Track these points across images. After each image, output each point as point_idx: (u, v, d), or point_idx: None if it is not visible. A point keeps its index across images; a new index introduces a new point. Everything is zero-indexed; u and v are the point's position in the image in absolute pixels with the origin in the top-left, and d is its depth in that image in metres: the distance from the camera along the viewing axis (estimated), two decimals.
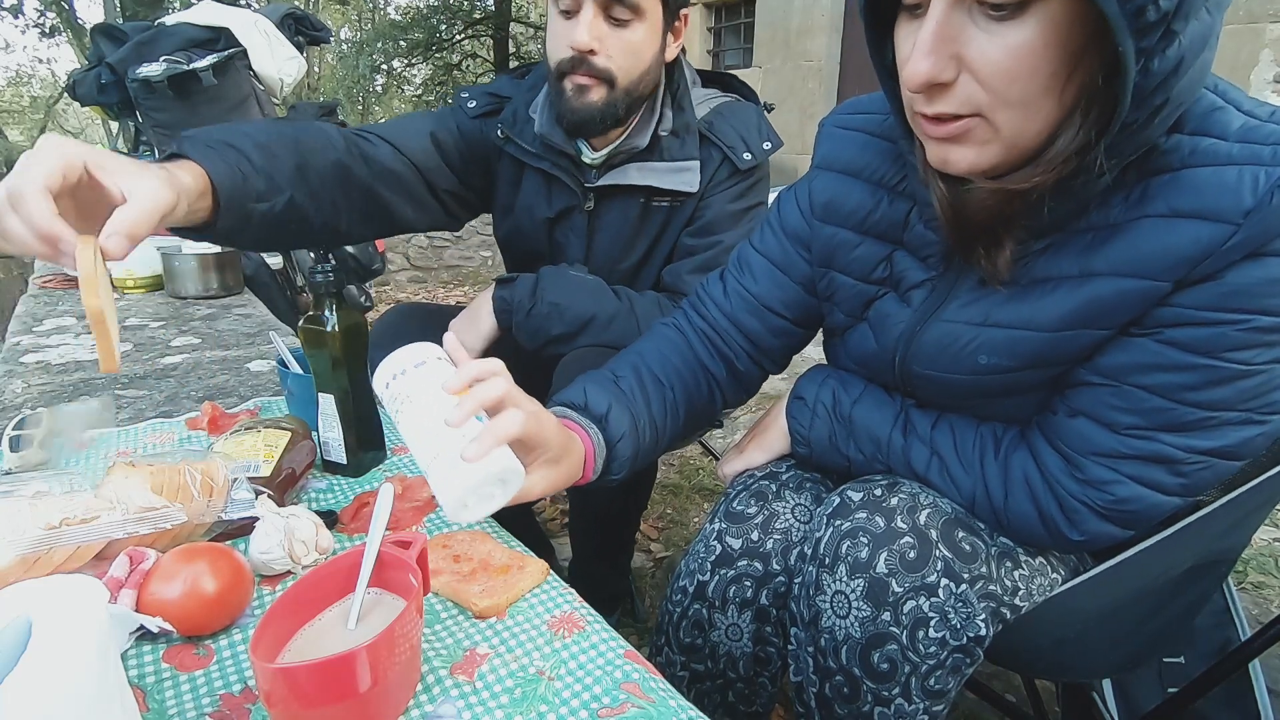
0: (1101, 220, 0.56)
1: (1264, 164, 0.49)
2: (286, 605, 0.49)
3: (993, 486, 0.67)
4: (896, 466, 0.72)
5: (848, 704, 0.65)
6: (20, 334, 1.32)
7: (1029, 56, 0.47)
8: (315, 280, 0.76)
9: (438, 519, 0.74)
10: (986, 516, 0.68)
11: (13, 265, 3.47)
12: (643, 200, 1.09)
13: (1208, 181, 0.51)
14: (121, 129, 2.55)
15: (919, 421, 0.72)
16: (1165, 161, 0.53)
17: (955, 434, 0.70)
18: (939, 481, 0.70)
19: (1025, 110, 0.50)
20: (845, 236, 0.73)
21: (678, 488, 2.02)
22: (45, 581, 0.41)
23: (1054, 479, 0.64)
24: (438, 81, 10.18)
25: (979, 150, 0.53)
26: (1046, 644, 0.79)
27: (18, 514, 0.56)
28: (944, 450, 0.70)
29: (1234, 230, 0.50)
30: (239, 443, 0.74)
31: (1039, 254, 0.60)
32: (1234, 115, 0.53)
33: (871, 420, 0.74)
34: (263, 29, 2.30)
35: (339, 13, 13.62)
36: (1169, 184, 0.53)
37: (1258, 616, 1.43)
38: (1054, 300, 0.59)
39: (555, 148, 1.08)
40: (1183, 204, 0.52)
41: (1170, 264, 0.53)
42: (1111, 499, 0.61)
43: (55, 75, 15.32)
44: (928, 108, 0.53)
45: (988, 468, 0.68)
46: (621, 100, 1.00)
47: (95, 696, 0.38)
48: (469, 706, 0.49)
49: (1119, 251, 0.55)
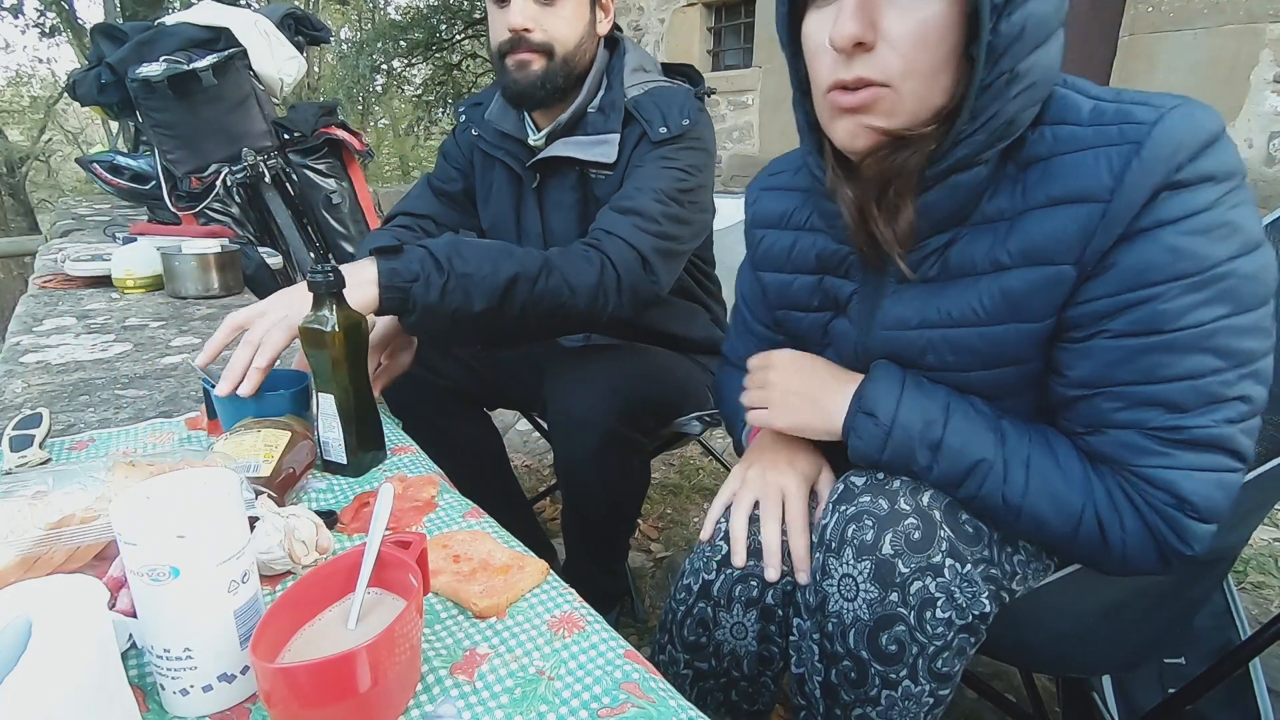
0: (996, 212, 0.62)
1: (1114, 143, 0.56)
2: (286, 605, 0.49)
3: (1102, 507, 0.61)
4: (989, 493, 0.64)
5: (855, 689, 0.66)
6: (20, 334, 1.32)
7: (935, 28, 0.55)
8: (315, 280, 0.76)
9: (438, 519, 0.74)
10: (1093, 544, 0.62)
11: (13, 265, 3.48)
12: (578, 171, 1.16)
13: (1073, 167, 0.57)
14: (121, 129, 2.56)
15: (1011, 435, 0.65)
16: (1036, 151, 0.60)
17: (1053, 446, 0.64)
18: (1041, 505, 0.62)
19: (928, 81, 0.57)
20: (781, 278, 0.82)
21: (678, 488, 2.02)
22: (45, 581, 0.41)
23: (1136, 491, 0.60)
24: (438, 81, 10.18)
25: (887, 117, 0.59)
26: (1048, 638, 0.79)
27: (18, 514, 0.56)
28: (1043, 466, 0.63)
29: (1105, 207, 0.55)
30: (239, 443, 0.74)
31: (949, 246, 0.65)
32: (1083, 101, 0.59)
33: (967, 441, 0.64)
34: (263, 29, 2.30)
35: (339, 13, 13.62)
36: (1044, 174, 0.59)
37: (1258, 616, 1.43)
38: (974, 294, 0.64)
39: (506, 134, 1.20)
40: (1056, 191, 0.58)
41: (1063, 248, 0.58)
42: (1179, 498, 0.58)
43: (55, 75, 15.34)
44: (846, 72, 0.59)
45: (1095, 489, 0.62)
46: (560, 69, 1.09)
47: (95, 696, 0.38)
48: (469, 706, 0.49)
49: (1018, 243, 0.60)
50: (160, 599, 0.46)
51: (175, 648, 0.46)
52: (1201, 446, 0.57)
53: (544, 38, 1.07)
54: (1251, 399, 0.57)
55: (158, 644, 0.47)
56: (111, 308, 1.51)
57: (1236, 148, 0.56)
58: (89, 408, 0.99)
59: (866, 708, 0.66)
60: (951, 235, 0.64)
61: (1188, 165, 0.53)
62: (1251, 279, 0.55)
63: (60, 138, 15.91)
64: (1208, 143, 0.54)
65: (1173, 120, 0.54)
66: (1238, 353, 0.56)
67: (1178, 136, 0.54)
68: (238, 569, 0.48)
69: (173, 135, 2.20)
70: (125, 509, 0.45)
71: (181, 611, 0.46)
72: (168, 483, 0.49)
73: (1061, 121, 0.59)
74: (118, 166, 2.33)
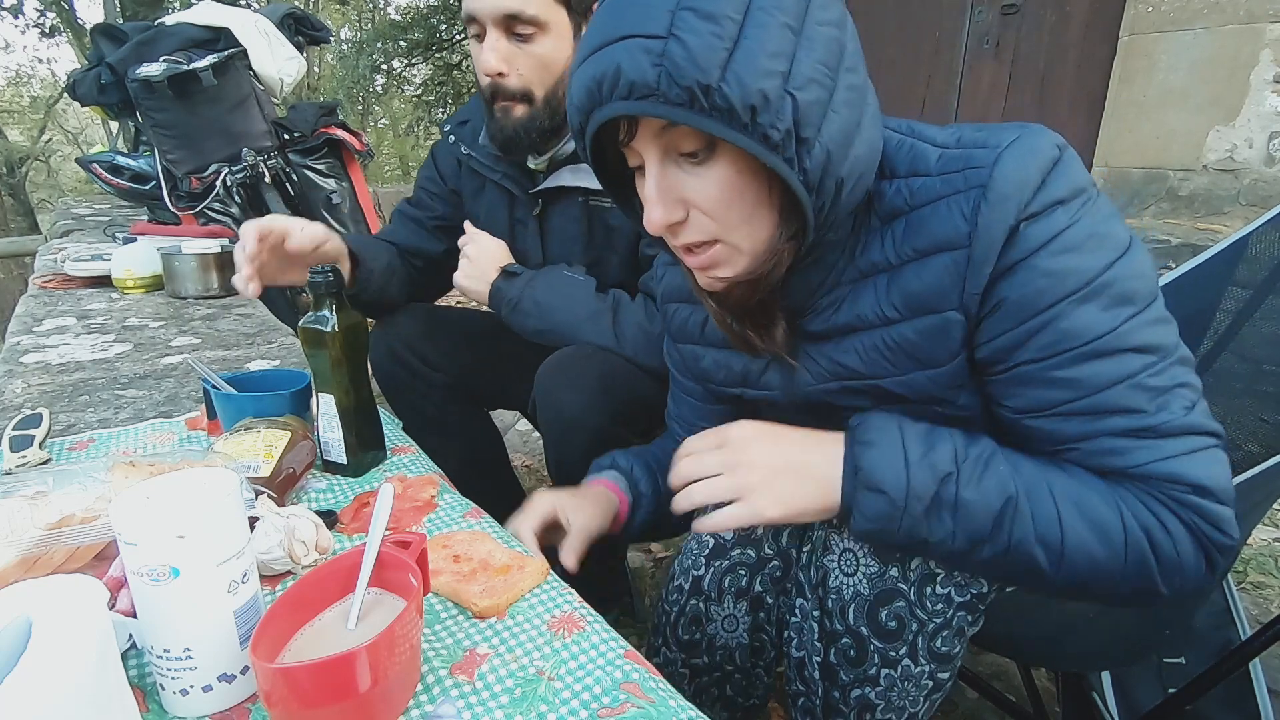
0: (870, 265, 0.63)
1: (960, 190, 0.57)
2: (286, 605, 0.49)
3: (1141, 515, 0.56)
4: (1021, 540, 0.57)
5: (854, 668, 0.66)
6: (20, 334, 1.32)
7: (731, 185, 0.56)
8: (315, 280, 0.76)
9: (438, 519, 0.74)
10: (1144, 565, 0.56)
11: (13, 265, 3.48)
12: (582, 200, 1.12)
13: (930, 218, 0.59)
14: (121, 129, 2.56)
15: (1020, 461, 0.59)
16: (895, 205, 0.61)
17: (1058, 462, 0.59)
18: (1083, 534, 0.56)
19: (750, 225, 0.58)
20: (696, 351, 0.81)
21: None
22: (45, 581, 0.41)
23: (1158, 490, 0.56)
24: (438, 81, 10.16)
25: (731, 266, 0.61)
26: (1048, 631, 0.80)
27: (18, 514, 0.56)
28: (1066, 486, 0.57)
29: (968, 251, 0.57)
30: (239, 443, 0.74)
31: (836, 306, 0.65)
32: (930, 150, 0.60)
33: (984, 488, 0.57)
34: (263, 29, 2.30)
35: (339, 13, 13.61)
36: (907, 227, 0.60)
37: (1258, 616, 1.43)
38: (873, 347, 0.64)
39: (502, 158, 1.14)
40: (922, 244, 0.59)
41: (940, 295, 0.59)
42: (1195, 485, 0.55)
43: (55, 75, 15.31)
44: (676, 241, 0.61)
45: (1123, 497, 0.57)
46: (543, 112, 1.03)
47: (95, 696, 0.38)
48: (469, 706, 0.49)
49: (899, 295, 0.61)
50: (160, 599, 0.46)
51: (175, 648, 0.46)
52: (1177, 434, 0.56)
53: (520, 83, 1.01)
54: (1190, 383, 0.57)
55: (158, 644, 0.47)
56: (111, 308, 1.51)
57: (1078, 161, 0.57)
58: (89, 408, 0.99)
59: (865, 688, 0.66)
60: (835, 295, 0.65)
61: (1035, 197, 0.55)
62: (1136, 276, 0.56)
63: (60, 138, 15.90)
64: (1048, 169, 0.55)
65: (1008, 159, 0.55)
66: (1158, 345, 0.56)
67: (1017, 174, 0.55)
68: (238, 569, 0.48)
69: (173, 135, 2.20)
70: (125, 509, 0.45)
71: (181, 611, 0.46)
72: (168, 483, 0.49)
73: (913, 173, 0.60)
74: (118, 166, 2.33)
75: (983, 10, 3.81)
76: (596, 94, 0.53)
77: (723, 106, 0.50)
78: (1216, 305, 1.00)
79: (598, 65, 0.52)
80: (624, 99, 0.52)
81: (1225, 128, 3.11)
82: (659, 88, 0.51)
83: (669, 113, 0.51)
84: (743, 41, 0.50)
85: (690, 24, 0.49)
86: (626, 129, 0.57)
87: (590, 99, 0.54)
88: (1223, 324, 0.99)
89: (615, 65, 0.51)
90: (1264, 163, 3.06)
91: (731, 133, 0.51)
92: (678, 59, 0.49)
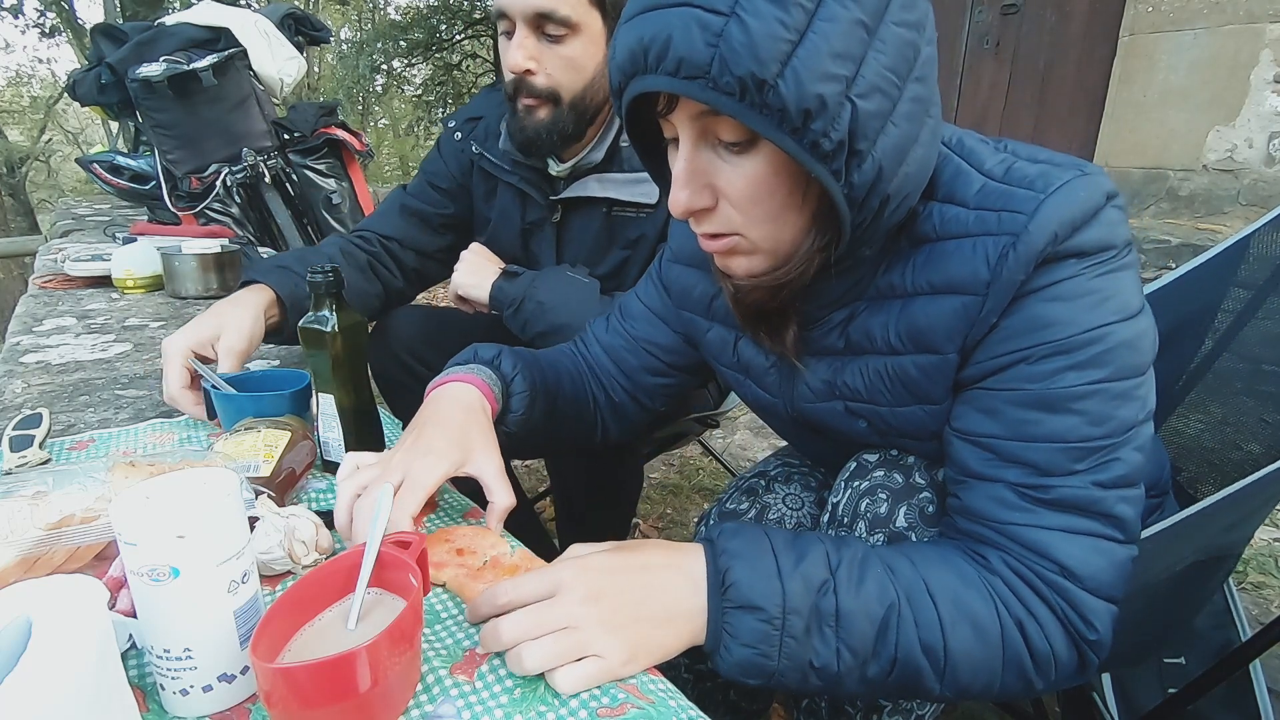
0: (889, 287, 0.61)
1: (993, 233, 0.54)
2: (286, 605, 0.49)
3: (1009, 602, 0.54)
4: (907, 648, 0.53)
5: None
6: (20, 334, 1.32)
7: (765, 182, 0.54)
8: (315, 280, 0.76)
9: (438, 518, 0.74)
10: (1020, 659, 0.54)
11: (13, 265, 3.48)
12: (605, 210, 1.10)
13: (954, 255, 0.56)
14: (121, 129, 2.56)
15: (893, 559, 0.56)
16: (925, 230, 0.59)
17: (933, 549, 0.58)
18: (964, 635, 0.53)
19: (774, 224, 0.56)
20: (698, 321, 0.79)
21: (678, 488, 2.02)
22: (45, 581, 0.41)
23: (1022, 564, 0.55)
24: (438, 81, 10.17)
25: (748, 260, 0.59)
26: None
27: (18, 514, 0.56)
28: (942, 580, 0.55)
29: (982, 300, 0.55)
30: (239, 443, 0.74)
31: (849, 321, 0.64)
32: (974, 178, 0.57)
33: (869, 599, 0.53)
34: (263, 29, 2.31)
35: (339, 13, 13.61)
36: (929, 257, 0.58)
37: (1258, 617, 1.43)
38: (875, 374, 0.63)
39: (522, 162, 1.11)
40: (938, 279, 0.58)
41: (945, 337, 0.58)
42: (1058, 563, 0.54)
43: (55, 75, 15.31)
44: (697, 228, 0.59)
45: (992, 583, 0.55)
46: (569, 116, 1.01)
47: (95, 696, 0.38)
48: (469, 706, 0.49)
49: (906, 328, 0.60)
50: (160, 599, 0.46)
51: (175, 648, 0.46)
52: (1066, 507, 0.54)
53: (547, 83, 0.99)
54: (1128, 466, 0.54)
55: (158, 644, 0.47)
56: (111, 308, 1.51)
57: (1122, 215, 0.55)
58: (89, 408, 0.99)
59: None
60: (850, 310, 0.64)
61: (1059, 243, 0.53)
62: (1127, 346, 0.54)
63: (60, 138, 15.90)
64: (1085, 219, 0.53)
65: (1049, 208, 0.53)
66: (1110, 419, 0.54)
67: (1052, 225, 0.52)
68: (238, 569, 0.48)
69: (173, 135, 2.21)
70: (125, 509, 0.45)
71: (181, 612, 0.46)
72: (168, 483, 0.49)
73: (949, 199, 0.58)
74: (118, 166, 2.33)
75: (983, 10, 3.81)
76: (641, 60, 0.49)
77: (775, 106, 0.46)
78: (1217, 305, 1.00)
79: (647, 27, 0.48)
80: (669, 75, 0.48)
81: (1225, 128, 3.12)
82: (709, 71, 0.46)
83: (715, 100, 0.48)
84: (809, 35, 0.45)
85: (756, 5, 0.45)
86: (666, 102, 0.53)
87: (633, 63, 0.50)
88: (1223, 324, 0.99)
89: (667, 34, 0.47)
90: (1264, 163, 3.06)
91: (779, 134, 0.48)
92: (735, 43, 0.45)
